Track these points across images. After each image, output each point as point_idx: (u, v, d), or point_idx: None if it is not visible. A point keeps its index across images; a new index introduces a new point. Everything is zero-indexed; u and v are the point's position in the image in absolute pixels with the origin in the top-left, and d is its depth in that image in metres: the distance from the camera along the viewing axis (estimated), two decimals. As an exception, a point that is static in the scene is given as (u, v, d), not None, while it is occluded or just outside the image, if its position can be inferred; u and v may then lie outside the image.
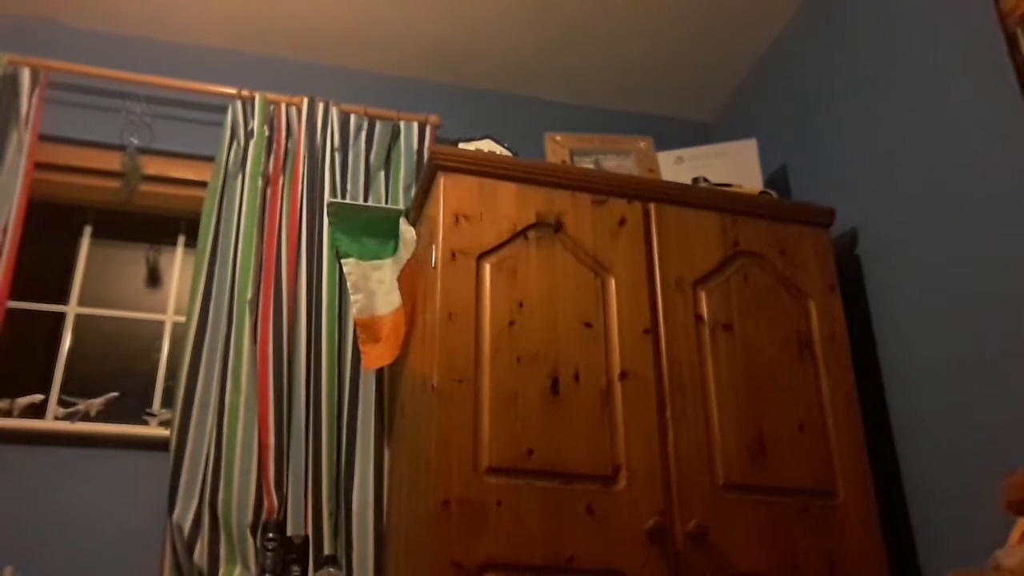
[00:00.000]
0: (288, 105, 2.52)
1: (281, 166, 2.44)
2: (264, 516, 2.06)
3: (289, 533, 2.05)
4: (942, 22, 1.98)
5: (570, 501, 1.70)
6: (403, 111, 2.64)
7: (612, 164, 2.36)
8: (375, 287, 2.18)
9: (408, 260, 2.06)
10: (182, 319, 2.48)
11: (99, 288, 2.53)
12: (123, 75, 2.47)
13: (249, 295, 2.23)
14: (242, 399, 2.14)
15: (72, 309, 2.47)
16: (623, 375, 1.84)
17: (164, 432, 2.19)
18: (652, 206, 2.04)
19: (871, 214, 2.17)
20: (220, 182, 2.38)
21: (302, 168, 2.41)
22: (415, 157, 2.54)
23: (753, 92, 2.81)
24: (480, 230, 1.89)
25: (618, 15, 2.62)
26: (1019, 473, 1.47)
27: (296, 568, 2.05)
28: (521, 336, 1.82)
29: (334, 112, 2.52)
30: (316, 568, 2.04)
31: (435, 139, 2.61)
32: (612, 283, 1.93)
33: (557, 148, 2.35)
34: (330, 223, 2.29)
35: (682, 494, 1.77)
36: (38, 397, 2.28)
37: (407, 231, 2.10)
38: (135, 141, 2.50)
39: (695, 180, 2.28)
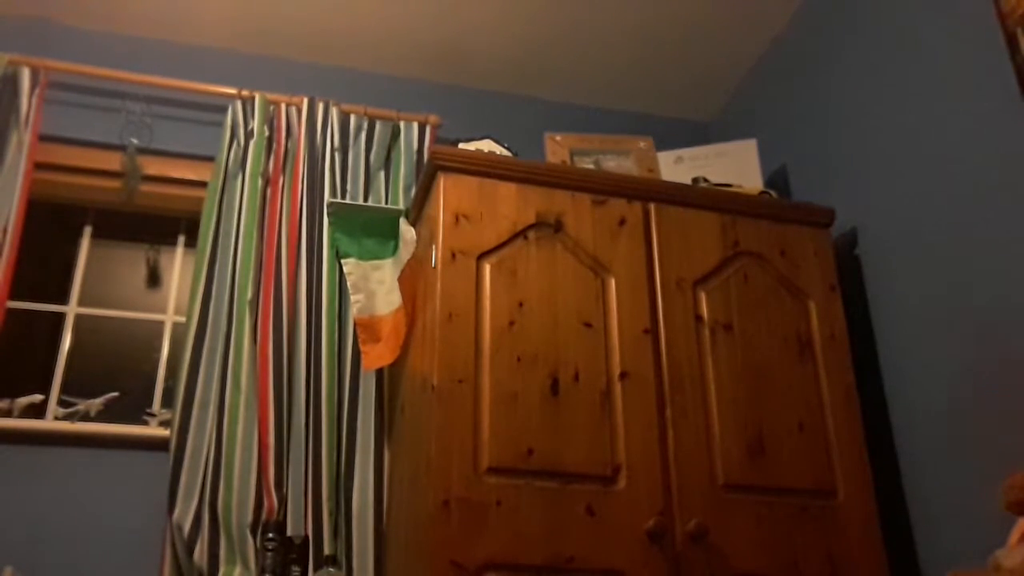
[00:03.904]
0: (288, 105, 2.52)
1: (281, 166, 2.43)
2: (264, 516, 2.06)
3: (289, 533, 2.05)
4: (942, 22, 1.98)
5: (570, 501, 1.70)
6: (403, 111, 2.63)
7: (612, 164, 2.36)
8: (375, 287, 2.18)
9: (408, 260, 2.06)
10: (182, 319, 2.48)
11: (99, 288, 2.53)
12: (123, 75, 2.47)
13: (249, 295, 2.23)
14: (242, 399, 2.14)
15: (72, 309, 2.47)
16: (623, 375, 1.84)
17: (164, 432, 2.19)
18: (652, 206, 2.04)
19: (871, 214, 2.17)
20: (220, 182, 2.38)
21: (302, 168, 2.41)
22: (415, 157, 2.54)
23: (753, 92, 2.81)
24: (480, 230, 1.89)
25: (618, 15, 2.62)
26: (1019, 473, 1.47)
27: (296, 568, 2.05)
28: (521, 336, 1.82)
29: (334, 112, 2.52)
30: (316, 568, 2.04)
31: (435, 139, 2.60)
32: (612, 283, 1.93)
33: (557, 148, 2.35)
34: (330, 223, 2.29)
35: (682, 494, 1.77)
36: (38, 397, 2.28)
37: (407, 231, 2.10)
38: (135, 141, 2.49)
39: (695, 180, 2.28)
